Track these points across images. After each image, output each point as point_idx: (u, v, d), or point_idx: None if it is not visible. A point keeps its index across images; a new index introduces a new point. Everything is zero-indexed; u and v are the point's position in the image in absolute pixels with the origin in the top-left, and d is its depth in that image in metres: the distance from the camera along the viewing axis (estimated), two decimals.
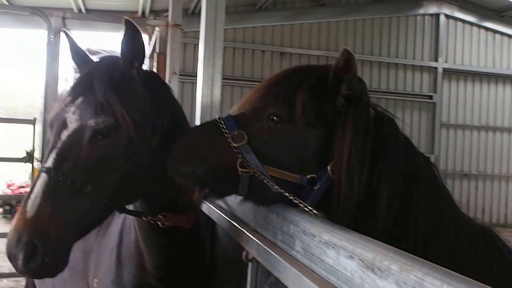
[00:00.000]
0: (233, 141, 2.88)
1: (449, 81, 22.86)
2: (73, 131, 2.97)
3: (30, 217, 2.75)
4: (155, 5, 17.53)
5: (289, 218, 2.66)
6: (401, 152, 2.85)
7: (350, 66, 2.76)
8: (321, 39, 20.89)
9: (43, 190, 2.82)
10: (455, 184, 23.09)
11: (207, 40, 5.87)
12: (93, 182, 2.92)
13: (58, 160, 2.90)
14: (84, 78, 3.17)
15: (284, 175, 2.84)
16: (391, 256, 1.75)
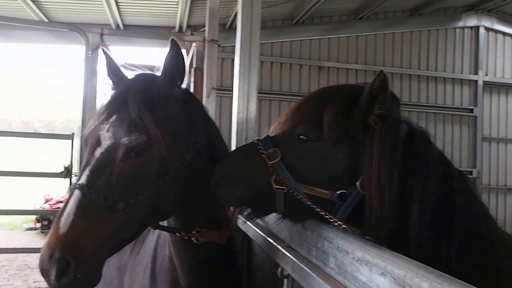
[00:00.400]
0: (268, 159, 3.03)
1: (489, 94, 22.44)
2: (106, 148, 3.00)
3: (63, 233, 2.76)
4: (192, 20, 17.62)
5: (323, 234, 2.70)
6: (433, 167, 2.89)
7: (385, 87, 2.87)
8: (359, 53, 20.70)
9: (76, 206, 2.84)
10: (499, 199, 22.62)
11: (242, 56, 5.87)
12: (126, 199, 2.94)
13: (91, 177, 2.92)
14: (118, 95, 3.22)
15: (315, 192, 2.93)
16: (421, 273, 1.77)
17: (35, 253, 15.20)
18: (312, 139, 3.00)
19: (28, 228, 22.72)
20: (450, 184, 2.89)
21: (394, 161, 2.81)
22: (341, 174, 2.96)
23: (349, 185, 2.92)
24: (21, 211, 17.35)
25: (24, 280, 13.44)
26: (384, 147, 2.83)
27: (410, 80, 20.90)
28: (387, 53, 20.74)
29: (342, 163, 2.96)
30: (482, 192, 21.53)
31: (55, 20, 17.01)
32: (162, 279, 3.87)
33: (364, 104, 2.93)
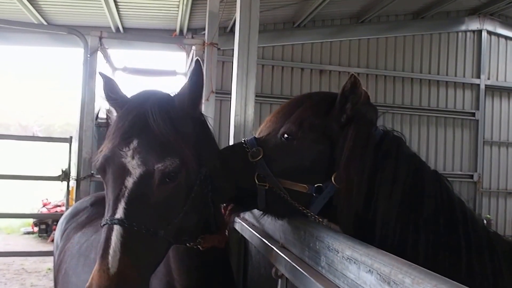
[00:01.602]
0: (252, 157, 3.29)
1: (492, 98, 22.45)
2: (139, 177, 2.90)
3: (113, 273, 2.66)
4: (193, 24, 17.66)
5: (315, 234, 2.77)
6: (402, 166, 3.10)
7: (356, 88, 3.18)
8: (360, 56, 20.70)
9: (120, 243, 2.74)
10: (499, 202, 22.65)
11: (240, 59, 5.89)
12: (164, 225, 2.90)
13: (128, 210, 2.83)
14: (136, 118, 3.06)
15: (294, 186, 3.18)
16: (405, 270, 1.85)
17: (33, 257, 15.31)
18: (294, 138, 3.24)
19: (26, 232, 22.73)
20: (420, 182, 3.08)
21: (364, 158, 3.07)
22: (318, 170, 3.21)
23: (324, 179, 3.17)
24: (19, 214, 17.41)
25: (21, 284, 13.45)
26: (355, 144, 3.09)
27: (412, 84, 20.92)
28: (389, 56, 20.76)
29: (320, 159, 3.22)
30: (483, 196, 21.62)
31: (54, 23, 17.07)
32: (157, 282, 3.84)
33: (338, 104, 3.26)
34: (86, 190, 9.00)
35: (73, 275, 4.98)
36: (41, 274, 14.64)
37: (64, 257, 5.39)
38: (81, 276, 4.81)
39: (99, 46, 9.40)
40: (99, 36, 9.40)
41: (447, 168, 21.14)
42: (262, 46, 19.01)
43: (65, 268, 5.26)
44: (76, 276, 4.93)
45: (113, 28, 17.64)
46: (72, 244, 5.46)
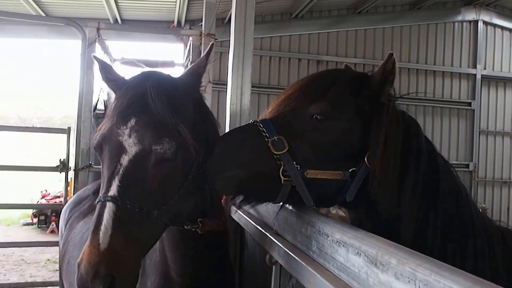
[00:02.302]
0: (274, 147, 2.90)
1: (488, 88, 22.60)
2: (135, 155, 2.89)
3: (104, 248, 2.66)
4: (191, 15, 17.71)
5: (307, 219, 2.77)
6: (423, 147, 3.10)
7: (394, 68, 3.05)
8: (357, 47, 20.82)
9: (112, 220, 2.73)
10: (495, 191, 22.83)
11: (236, 49, 5.92)
12: (158, 206, 2.89)
13: (122, 187, 2.81)
14: (134, 97, 3.05)
15: (326, 174, 2.95)
16: (391, 251, 1.87)
17: (32, 248, 15.37)
18: (328, 118, 2.99)
19: (25, 224, 22.80)
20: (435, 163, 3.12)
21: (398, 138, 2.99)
22: (352, 152, 3.02)
23: (357, 162, 2.99)
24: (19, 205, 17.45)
25: (20, 275, 13.53)
26: (391, 125, 2.99)
27: (409, 74, 21.00)
28: (386, 47, 20.79)
29: (353, 141, 3.03)
30: (478, 185, 21.76)
31: (53, 14, 17.08)
32: (152, 271, 3.85)
33: (377, 84, 3.10)
34: (84, 181, 9.01)
35: (75, 265, 5.00)
36: (40, 265, 14.70)
37: (68, 247, 5.44)
38: None
39: (97, 38, 9.39)
40: (97, 28, 9.39)
41: None
42: (260, 37, 19.09)
43: (68, 258, 5.33)
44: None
45: (111, 20, 17.68)
46: (74, 234, 5.51)
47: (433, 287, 1.55)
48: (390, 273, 1.81)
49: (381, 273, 1.88)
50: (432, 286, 1.56)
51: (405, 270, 1.72)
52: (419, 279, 1.63)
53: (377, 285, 1.90)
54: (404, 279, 1.71)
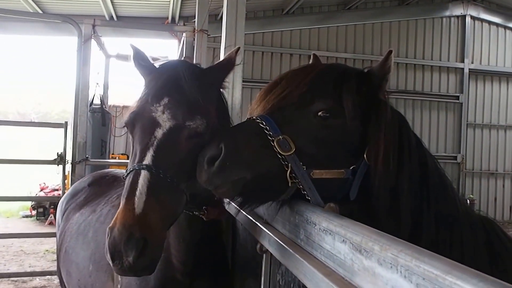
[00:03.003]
0: (280, 148, 2.74)
1: (475, 82, 22.87)
2: (169, 129, 3.01)
3: (139, 213, 2.74)
4: (184, 11, 17.82)
5: (295, 209, 2.78)
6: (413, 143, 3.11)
7: (391, 66, 3.04)
8: (348, 42, 21.02)
9: (147, 187, 2.82)
10: (482, 182, 23.18)
11: (227, 44, 6.01)
12: (186, 180, 3.00)
13: (157, 157, 2.93)
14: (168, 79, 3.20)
15: (331, 174, 2.86)
16: (374, 238, 1.91)
17: (31, 239, 15.47)
18: (334, 116, 2.88)
19: (24, 216, 22.78)
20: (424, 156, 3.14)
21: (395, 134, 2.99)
22: (353, 149, 2.94)
23: (357, 159, 2.92)
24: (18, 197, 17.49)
25: (20, 265, 13.60)
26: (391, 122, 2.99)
27: (398, 68, 21.14)
28: (376, 42, 21.01)
29: (356, 138, 2.94)
30: (466, 176, 21.95)
31: (50, 11, 17.18)
32: None
33: (377, 81, 3.06)
34: (81, 174, 9.09)
35: (73, 254, 5.13)
36: (39, 256, 14.75)
37: (65, 237, 5.55)
38: (80, 254, 4.97)
39: (92, 34, 9.50)
40: (93, 24, 9.49)
41: (431, 149, 21.02)
42: (252, 33, 19.28)
43: (66, 247, 5.43)
44: (75, 254, 5.08)
45: (107, 17, 17.77)
46: (71, 224, 5.61)
47: (413, 271, 1.59)
48: (373, 259, 1.85)
49: (365, 259, 1.91)
50: (412, 271, 1.60)
51: (387, 256, 1.76)
52: (401, 265, 1.67)
53: (362, 271, 1.93)
54: (387, 265, 1.75)
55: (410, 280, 1.62)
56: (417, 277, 1.59)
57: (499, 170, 23.27)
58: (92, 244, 4.80)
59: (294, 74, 3.19)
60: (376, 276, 1.84)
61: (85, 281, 4.86)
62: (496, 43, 23.19)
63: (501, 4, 23.02)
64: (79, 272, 4.94)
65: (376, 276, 1.84)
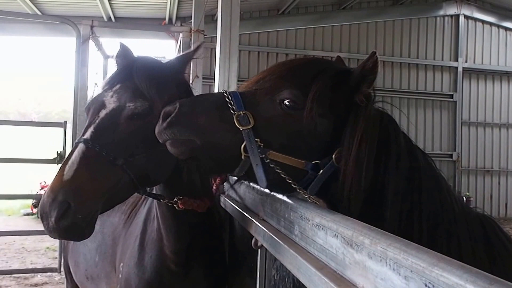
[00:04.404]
0: (239, 122, 2.80)
1: (469, 80, 22.93)
2: (111, 110, 3.27)
3: (66, 179, 2.98)
4: (181, 12, 17.84)
5: (289, 205, 2.82)
6: (402, 145, 3.02)
7: (376, 68, 2.92)
8: (343, 41, 21.08)
9: (80, 157, 3.06)
10: (478, 180, 23.27)
11: (222, 45, 6.10)
12: (125, 156, 3.18)
13: (95, 133, 3.17)
14: (124, 68, 3.51)
15: (288, 160, 2.85)
16: (365, 232, 1.94)
17: (32, 237, 15.54)
18: (298, 107, 2.87)
19: (25, 214, 22.86)
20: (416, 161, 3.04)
21: (373, 140, 2.87)
22: (318, 146, 2.91)
23: (322, 156, 2.90)
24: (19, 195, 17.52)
25: (21, 262, 13.68)
26: (367, 127, 2.86)
27: (393, 67, 21.24)
28: (370, 41, 21.07)
29: (322, 135, 2.91)
30: (462, 174, 21.99)
31: (49, 13, 17.18)
32: (150, 248, 4.09)
33: (354, 82, 2.96)
34: None
35: (81, 245, 5.24)
36: (40, 253, 14.88)
37: None
38: (87, 245, 5.08)
39: (90, 35, 9.55)
40: (91, 25, 9.55)
41: (427, 148, 21.43)
42: (248, 33, 19.35)
43: None
44: (83, 245, 5.19)
45: (105, 18, 17.79)
46: None
47: (401, 264, 1.63)
48: (364, 253, 1.89)
49: (356, 253, 1.95)
50: (401, 264, 1.64)
51: (377, 250, 1.80)
52: (390, 258, 1.70)
53: (353, 264, 1.97)
54: (376, 258, 1.79)
55: (399, 272, 1.66)
56: (405, 269, 1.63)
57: (495, 167, 23.35)
58: (99, 235, 4.89)
59: (282, 63, 3.25)
60: (367, 269, 1.88)
61: (91, 271, 5.01)
62: (489, 42, 23.28)
63: (495, 4, 23.09)
64: (86, 262, 5.08)
65: (366, 269, 1.88)
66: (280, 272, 3.16)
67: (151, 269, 4.08)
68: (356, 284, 1.96)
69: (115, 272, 4.52)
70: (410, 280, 1.60)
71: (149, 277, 4.07)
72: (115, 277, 4.46)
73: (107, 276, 4.69)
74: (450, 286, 1.42)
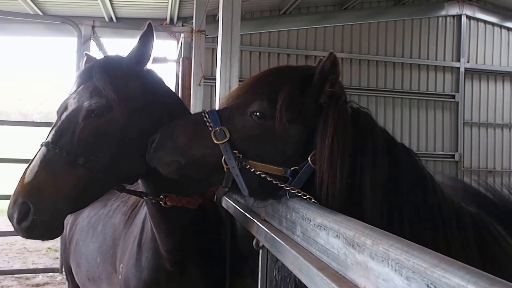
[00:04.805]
0: (216, 138, 3.03)
1: (471, 81, 22.71)
2: (71, 111, 3.36)
3: (26, 182, 3.10)
4: (183, 12, 17.79)
5: (291, 206, 2.87)
6: (379, 143, 3.01)
7: (335, 68, 2.97)
8: (344, 42, 20.92)
9: (40, 160, 3.18)
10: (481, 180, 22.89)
11: (224, 45, 6.10)
12: (86, 155, 3.25)
13: (56, 135, 3.27)
14: (86, 70, 3.59)
15: (267, 169, 2.98)
16: (366, 232, 1.97)
17: None
18: (267, 117, 3.00)
19: None
20: (396, 158, 3.03)
21: (346, 139, 2.88)
22: (293, 152, 3.00)
23: (301, 161, 2.99)
24: None
25: (23, 262, 13.75)
26: (337, 126, 2.87)
27: (394, 68, 21.11)
28: (372, 42, 20.95)
29: (295, 141, 3.00)
30: (464, 174, 21.90)
31: (50, 13, 17.12)
32: (146, 247, 4.13)
33: (316, 84, 3.01)
34: None
35: (83, 246, 5.32)
36: (41, 253, 14.98)
37: (76, 230, 5.75)
38: (89, 246, 5.14)
39: (92, 35, 9.59)
40: (92, 25, 9.60)
41: (429, 148, 21.45)
42: (250, 34, 19.26)
43: (76, 240, 5.63)
44: (85, 246, 5.25)
45: (106, 18, 17.71)
46: (82, 218, 5.77)
47: (403, 265, 1.64)
48: (366, 253, 1.90)
49: (357, 253, 1.97)
50: (403, 264, 1.64)
51: (379, 250, 1.81)
52: (391, 258, 1.72)
53: (354, 264, 1.98)
54: (378, 259, 1.80)
55: (401, 273, 1.67)
56: (407, 270, 1.63)
57: (497, 168, 23.20)
58: (101, 236, 4.99)
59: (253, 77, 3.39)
60: (369, 269, 1.88)
61: (93, 272, 5.04)
62: (491, 42, 23.08)
63: (497, 4, 22.97)
64: (88, 263, 5.12)
65: (368, 270, 1.89)
66: (282, 272, 3.20)
67: (147, 269, 4.12)
68: (358, 285, 1.96)
69: (116, 273, 4.55)
70: (412, 281, 1.60)
71: (146, 277, 4.11)
72: (116, 278, 4.49)
73: (108, 277, 4.73)
74: (452, 287, 1.42)
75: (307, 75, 3.12)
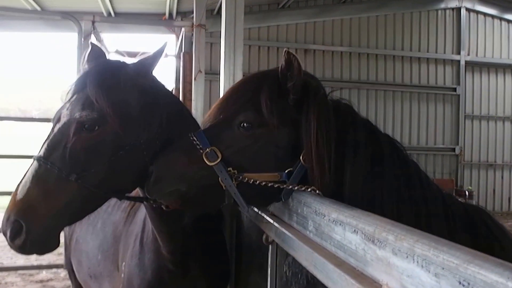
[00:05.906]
0: (208, 159, 2.97)
1: (472, 73, 22.87)
2: (63, 124, 3.21)
3: (18, 199, 3.00)
4: (182, 7, 17.75)
5: (303, 200, 2.81)
6: (360, 133, 3.04)
7: (292, 66, 3.00)
8: (343, 35, 21.00)
9: (32, 176, 3.07)
10: (481, 174, 23.19)
11: (227, 39, 6.05)
12: (78, 171, 3.12)
13: (48, 150, 3.14)
14: (80, 77, 3.40)
15: (264, 177, 2.98)
16: (388, 228, 1.90)
17: None
18: (254, 126, 3.02)
19: None
20: (378, 147, 3.05)
21: (330, 133, 2.93)
22: (285, 154, 3.02)
23: (294, 162, 2.99)
24: None
25: (26, 259, 13.68)
26: (320, 122, 2.93)
27: (394, 61, 21.21)
28: (371, 35, 21.05)
29: (285, 143, 3.02)
30: (465, 168, 21.97)
31: (48, 9, 17.01)
32: (148, 248, 4.07)
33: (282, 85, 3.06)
34: None
35: (83, 243, 5.27)
36: None
37: (75, 228, 5.65)
38: (89, 243, 5.09)
39: (92, 30, 9.52)
40: (92, 21, 9.52)
41: (429, 142, 21.61)
42: (248, 28, 19.29)
43: (76, 237, 5.57)
44: (86, 244, 5.20)
45: (105, 13, 17.72)
46: None
47: (431, 261, 1.59)
48: (388, 249, 1.85)
49: (378, 249, 1.91)
50: (430, 261, 1.59)
51: (402, 246, 1.76)
52: (417, 254, 1.66)
53: (375, 260, 1.94)
54: (402, 255, 1.75)
55: (428, 269, 1.61)
56: (435, 266, 1.58)
57: (498, 161, 23.32)
58: (101, 234, 4.92)
59: (230, 89, 3.40)
60: (391, 266, 1.83)
61: (94, 270, 4.99)
62: (492, 34, 23.21)
63: None
64: (89, 261, 5.07)
65: (391, 266, 1.84)
66: (293, 268, 3.13)
67: (151, 269, 4.08)
68: (378, 281, 1.91)
69: (117, 271, 4.52)
70: (442, 278, 1.54)
71: (150, 278, 4.07)
72: (118, 276, 4.46)
73: (110, 275, 4.68)
74: (489, 284, 1.35)
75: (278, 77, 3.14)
